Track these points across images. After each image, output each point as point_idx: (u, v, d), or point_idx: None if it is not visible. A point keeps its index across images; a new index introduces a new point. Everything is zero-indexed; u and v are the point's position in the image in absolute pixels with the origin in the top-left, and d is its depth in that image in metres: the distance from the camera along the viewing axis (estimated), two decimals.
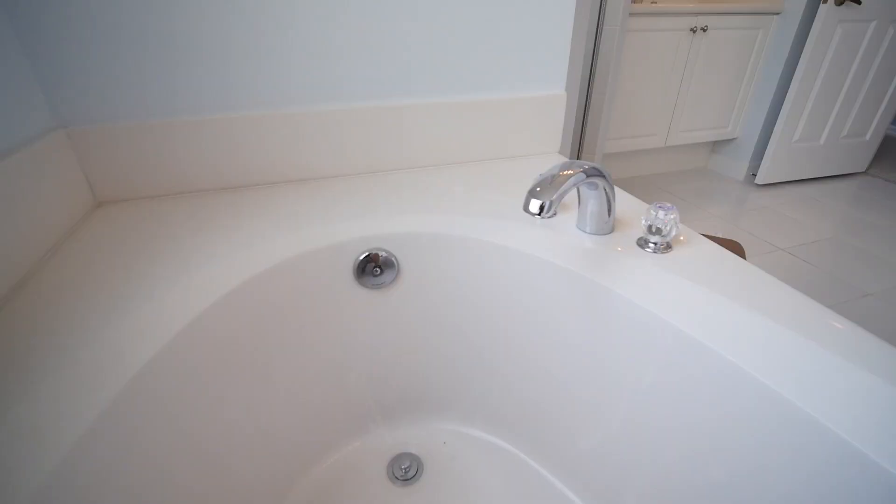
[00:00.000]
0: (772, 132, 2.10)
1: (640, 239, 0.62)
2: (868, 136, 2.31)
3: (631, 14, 1.78)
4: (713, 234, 1.75)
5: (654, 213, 0.58)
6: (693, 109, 2.15)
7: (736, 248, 1.63)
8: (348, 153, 0.85)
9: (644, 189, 2.21)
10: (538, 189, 0.50)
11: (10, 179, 0.57)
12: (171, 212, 0.73)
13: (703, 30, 1.92)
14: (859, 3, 1.85)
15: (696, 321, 0.51)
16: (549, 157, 0.96)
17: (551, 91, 0.93)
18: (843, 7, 1.85)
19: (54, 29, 0.65)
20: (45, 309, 0.51)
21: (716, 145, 2.45)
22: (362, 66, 0.80)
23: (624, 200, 0.74)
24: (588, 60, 1.53)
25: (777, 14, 2.04)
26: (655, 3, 2.25)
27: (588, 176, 0.55)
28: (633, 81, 1.95)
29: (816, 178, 2.35)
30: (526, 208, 0.48)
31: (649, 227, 0.59)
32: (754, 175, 2.26)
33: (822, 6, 1.83)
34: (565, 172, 0.53)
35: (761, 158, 2.20)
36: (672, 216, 0.58)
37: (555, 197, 0.48)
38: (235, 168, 0.80)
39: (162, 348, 0.48)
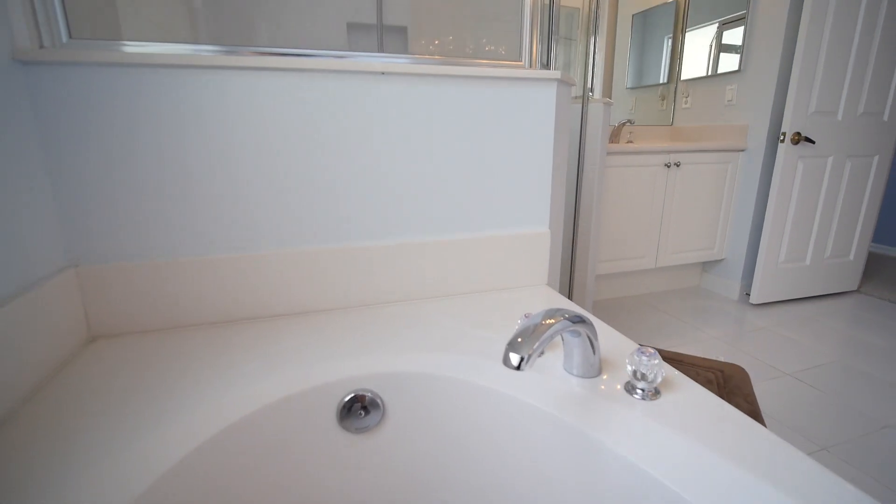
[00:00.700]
0: (757, 253, 2.19)
1: (627, 383, 0.61)
2: (852, 257, 2.39)
3: (609, 153, 1.98)
4: (715, 359, 1.72)
5: (638, 359, 0.59)
6: (678, 233, 2.27)
7: (740, 374, 1.58)
8: (344, 289, 0.88)
9: (639, 309, 2.23)
10: (519, 340, 0.51)
11: (15, 319, 0.59)
12: (163, 348, 0.73)
13: (677, 165, 2.12)
14: (813, 142, 2.06)
15: (689, 481, 0.48)
16: (537, 289, 0.99)
17: (536, 229, 1.00)
18: (799, 146, 2.06)
19: (79, 174, 0.73)
20: (22, 450, 0.49)
21: (706, 265, 2.53)
22: (361, 208, 0.88)
23: (610, 338, 0.75)
24: (572, 195, 1.67)
25: (742, 150, 2.27)
26: (631, 142, 2.52)
27: (572, 324, 0.57)
28: (619, 209, 2.09)
29: (811, 297, 2.37)
30: (505, 362, 0.49)
31: (634, 372, 0.59)
32: (748, 294, 2.29)
33: (780, 146, 2.04)
34: (547, 321, 0.55)
35: (752, 278, 2.25)
36: (655, 361, 0.58)
37: (533, 350, 0.49)
38: (231, 304, 0.83)
39: (140, 495, 0.45)
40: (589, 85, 1.67)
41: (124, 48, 0.75)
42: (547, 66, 1.08)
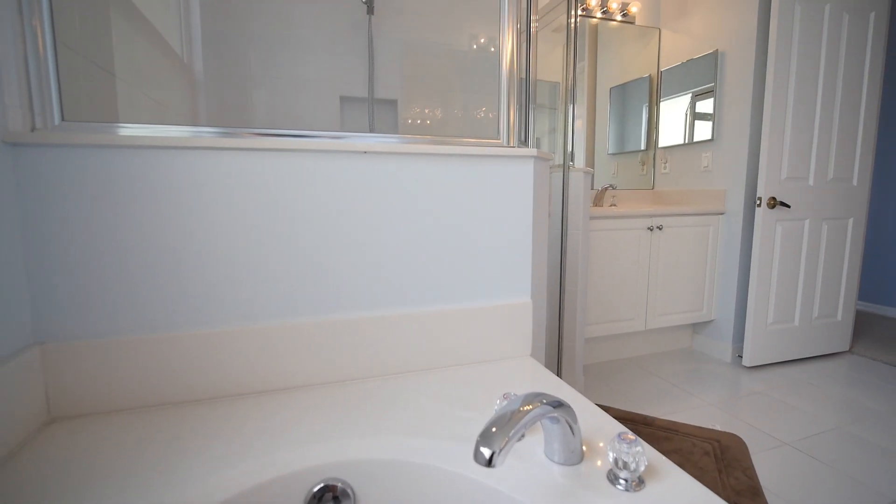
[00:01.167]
0: (746, 315, 2.19)
1: (609, 472, 0.58)
2: (839, 317, 2.39)
3: (593, 217, 2.04)
4: (712, 427, 1.66)
5: (619, 446, 0.56)
6: (665, 295, 2.28)
7: (738, 445, 1.52)
8: (319, 364, 0.86)
9: (631, 372, 2.18)
10: (493, 430, 0.49)
11: None
12: (123, 432, 0.70)
13: (659, 228, 2.18)
14: (788, 206, 2.14)
15: None
16: (521, 362, 0.97)
17: (518, 300, 0.99)
18: (776, 209, 2.13)
19: (54, 252, 0.72)
20: None
21: (696, 326, 2.52)
22: (338, 281, 0.87)
23: (593, 418, 0.72)
24: (557, 260, 1.69)
25: (721, 214, 2.34)
26: (614, 205, 2.59)
27: (552, 408, 0.55)
28: (606, 272, 2.11)
29: (803, 359, 2.35)
30: (476, 457, 0.47)
31: (616, 460, 0.56)
32: (741, 356, 2.26)
33: (757, 209, 2.11)
34: (524, 408, 0.53)
35: (743, 339, 2.24)
36: (637, 448, 0.56)
37: (506, 443, 0.47)
38: (198, 382, 0.80)
39: None
40: (570, 152, 1.75)
41: (114, 131, 0.78)
42: (525, 141, 1.13)
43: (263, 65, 2.07)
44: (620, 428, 0.70)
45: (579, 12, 2.58)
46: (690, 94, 2.56)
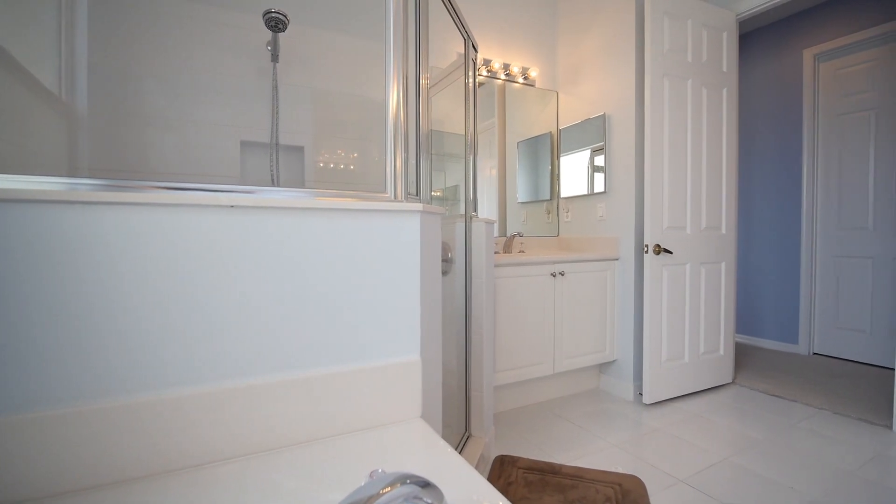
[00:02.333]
0: (643, 353, 2.33)
1: None
2: (722, 351, 2.64)
3: (498, 265, 2.09)
4: (614, 471, 1.69)
5: None
6: (572, 338, 2.37)
7: (638, 488, 1.56)
8: (164, 449, 0.74)
9: (541, 417, 2.20)
10: None
11: None
12: None
13: (562, 274, 2.29)
14: (671, 252, 2.36)
15: None
16: (409, 426, 0.91)
17: (406, 358, 0.95)
18: (661, 255, 2.35)
19: None
20: None
21: (602, 367, 2.63)
22: (205, 347, 0.77)
23: (473, 496, 0.68)
24: (462, 310, 1.69)
25: (616, 259, 2.52)
26: (523, 252, 2.70)
27: (418, 488, 0.51)
28: (514, 318, 2.15)
29: (695, 393, 2.53)
30: None
31: None
32: (641, 394, 2.38)
33: (646, 256, 2.31)
34: (383, 491, 0.49)
35: (642, 377, 2.37)
36: None
37: None
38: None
39: None
40: (471, 200, 1.79)
41: None
42: (417, 194, 1.13)
43: (159, 105, 1.93)
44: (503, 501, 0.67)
45: (485, 73, 2.76)
46: (590, 150, 2.80)
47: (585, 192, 2.78)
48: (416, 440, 0.87)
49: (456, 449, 1.58)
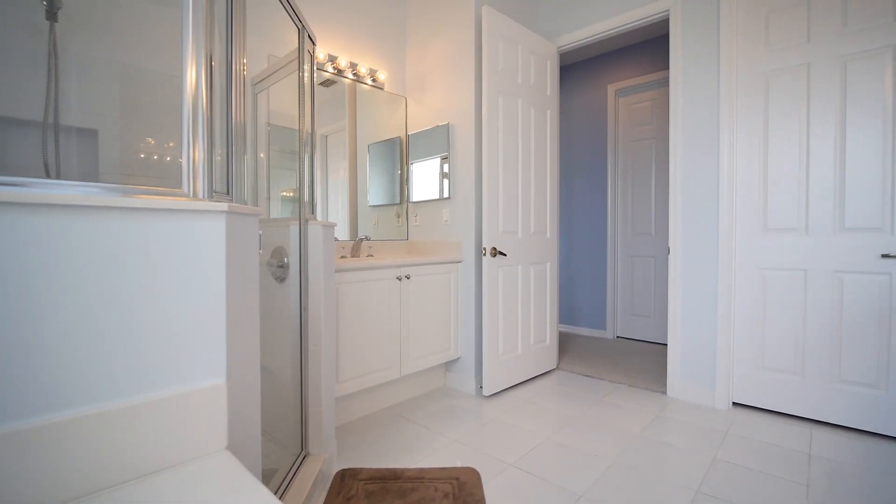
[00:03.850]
0: (483, 348, 2.49)
1: None
2: (548, 341, 2.99)
3: (343, 270, 2.01)
4: (453, 466, 1.76)
5: None
6: (418, 339, 2.41)
7: (473, 479, 1.64)
8: None
9: (389, 422, 2.19)
10: None
11: None
12: None
13: (407, 277, 2.32)
14: (505, 254, 2.58)
15: None
16: (210, 462, 0.79)
17: (208, 383, 0.82)
18: (497, 258, 2.55)
19: None
20: None
21: (448, 365, 2.74)
22: None
23: None
24: (297, 320, 1.57)
25: (460, 262, 2.66)
26: (371, 256, 2.66)
27: None
28: (360, 325, 2.10)
29: (528, 381, 2.81)
30: None
31: None
32: (482, 387, 2.55)
33: (484, 258, 2.48)
34: None
35: (483, 372, 2.53)
36: None
37: None
38: None
39: None
40: (308, 202, 1.69)
41: None
42: (228, 192, 1.00)
43: None
44: None
45: (331, 70, 2.65)
46: (440, 157, 2.89)
47: (434, 198, 2.87)
48: (220, 478, 0.75)
49: (290, 471, 1.46)
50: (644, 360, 3.34)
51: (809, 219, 2.19)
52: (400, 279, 2.28)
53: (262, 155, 2.11)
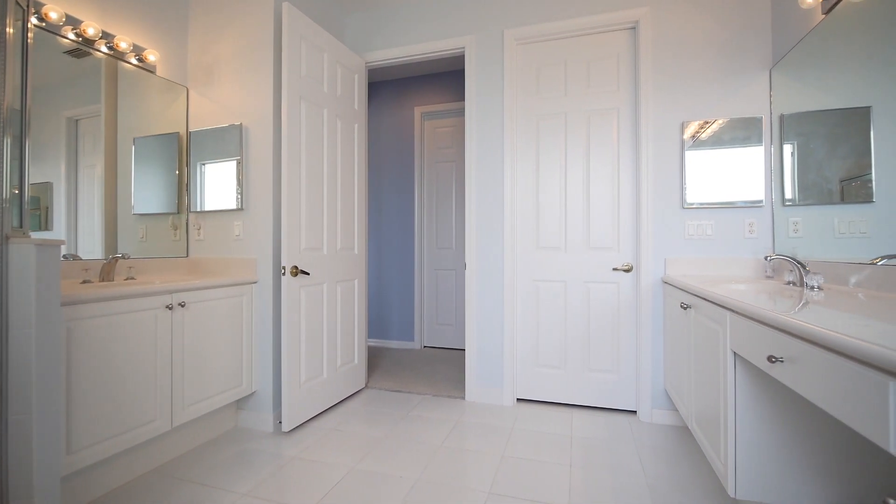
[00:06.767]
0: (281, 379, 2.24)
1: None
2: (356, 360, 2.90)
3: (81, 302, 1.52)
4: None
5: None
6: (199, 378, 2.02)
7: None
8: None
9: (157, 487, 1.75)
10: None
11: None
12: None
13: (181, 305, 1.91)
14: (308, 273, 2.40)
15: None
16: None
17: None
18: (299, 277, 2.34)
19: None
20: None
21: (240, 402, 2.38)
22: None
23: None
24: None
25: (254, 283, 2.35)
26: (133, 278, 2.13)
27: None
28: (109, 371, 1.62)
29: (335, 405, 2.65)
30: None
31: None
32: (281, 423, 2.29)
33: (283, 278, 2.24)
34: None
35: (282, 405, 2.28)
36: None
37: None
38: None
39: None
40: (7, 206, 1.21)
41: None
42: None
43: None
44: None
45: (73, 37, 2.03)
46: (235, 161, 2.50)
47: (225, 208, 2.47)
48: None
49: None
50: (448, 367, 3.56)
51: (567, 240, 2.68)
52: (171, 307, 1.86)
53: None
